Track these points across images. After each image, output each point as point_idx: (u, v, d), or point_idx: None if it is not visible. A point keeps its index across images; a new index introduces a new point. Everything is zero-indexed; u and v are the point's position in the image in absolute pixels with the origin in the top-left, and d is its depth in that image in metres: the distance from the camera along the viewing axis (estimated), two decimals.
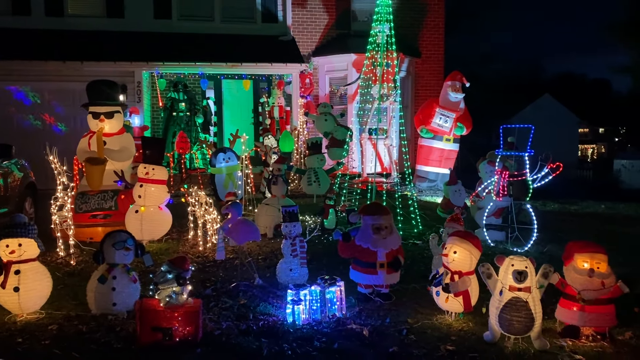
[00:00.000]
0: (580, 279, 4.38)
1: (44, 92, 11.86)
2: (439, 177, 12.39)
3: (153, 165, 6.96)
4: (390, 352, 4.10)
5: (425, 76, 15.20)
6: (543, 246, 7.27)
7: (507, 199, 7.43)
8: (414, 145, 13.58)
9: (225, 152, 9.15)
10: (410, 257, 6.48)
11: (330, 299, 4.85)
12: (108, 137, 7.44)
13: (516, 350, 4.16)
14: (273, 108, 12.57)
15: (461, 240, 4.65)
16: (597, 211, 11.22)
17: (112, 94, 7.67)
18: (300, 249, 5.54)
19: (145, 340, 4.12)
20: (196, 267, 6.09)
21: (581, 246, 4.49)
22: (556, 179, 7.59)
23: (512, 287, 4.14)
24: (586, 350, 4.21)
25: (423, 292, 5.38)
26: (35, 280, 4.70)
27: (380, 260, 5.10)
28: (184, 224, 7.63)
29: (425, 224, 8.34)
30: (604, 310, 4.36)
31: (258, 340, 4.28)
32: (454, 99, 11.93)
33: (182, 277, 4.24)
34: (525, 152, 7.33)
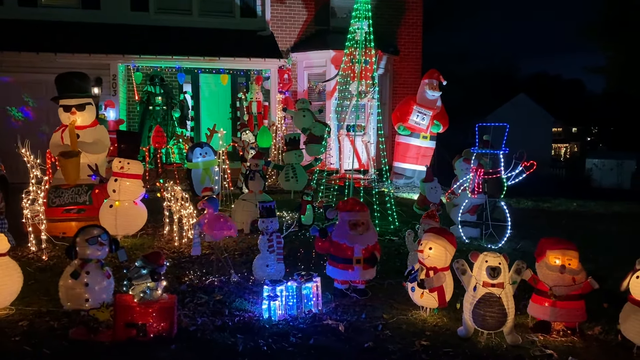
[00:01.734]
0: (552, 275, 4.47)
1: (16, 84, 11.57)
2: (415, 174, 12.49)
3: (128, 160, 6.86)
4: (365, 347, 4.13)
5: (403, 74, 15.30)
6: (516, 243, 7.40)
7: (482, 196, 7.54)
8: (392, 142, 13.67)
9: (202, 147, 9.08)
10: (386, 253, 6.53)
11: (307, 295, 4.85)
12: (81, 129, 7.29)
13: (489, 345, 4.23)
14: (251, 103, 12.50)
15: (436, 237, 4.70)
16: (569, 208, 11.46)
17: (83, 85, 7.50)
18: (277, 244, 5.53)
19: (119, 336, 4.07)
20: (171, 262, 6.04)
21: (553, 243, 4.58)
22: (530, 177, 7.73)
23: (485, 282, 4.20)
24: (557, 345, 4.31)
25: (399, 287, 5.44)
26: (5, 276, 4.59)
27: (357, 256, 5.12)
28: (159, 219, 7.55)
29: (401, 221, 8.41)
30: (574, 306, 4.46)
31: (233, 336, 4.26)
32: (431, 97, 12.05)
33: (157, 273, 4.19)
34: (500, 150, 7.44)
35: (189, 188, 8.84)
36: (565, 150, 48.49)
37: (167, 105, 12.15)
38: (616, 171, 17.16)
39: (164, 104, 12.10)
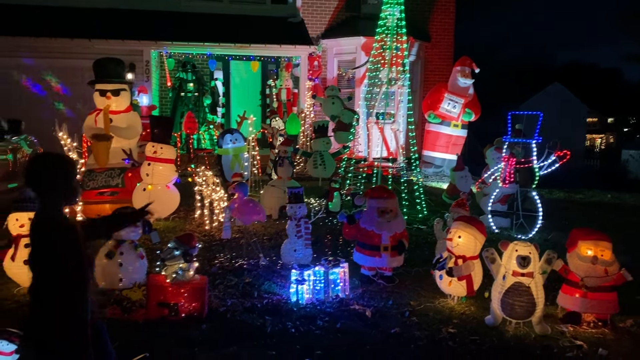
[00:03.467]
0: (584, 266, 4.40)
1: (52, 69, 11.86)
2: (445, 162, 12.36)
3: (161, 144, 6.99)
4: (392, 332, 4.16)
5: (434, 61, 15.08)
6: (547, 233, 7.29)
7: (513, 186, 7.43)
8: (422, 131, 13.54)
9: (233, 133, 9.15)
10: (414, 242, 6.52)
11: (334, 280, 4.90)
12: (114, 114, 7.45)
13: (517, 335, 4.21)
14: (281, 90, 12.53)
15: (466, 225, 4.67)
16: (602, 200, 11.19)
17: (119, 71, 7.66)
18: (305, 230, 5.59)
19: (152, 315, 4.20)
20: (202, 245, 6.16)
21: (586, 233, 4.51)
22: (563, 168, 7.57)
23: (515, 272, 4.17)
24: (587, 336, 4.25)
25: (426, 275, 5.44)
26: None
27: (385, 243, 5.14)
28: (190, 203, 7.69)
29: (430, 209, 8.36)
30: (606, 298, 4.40)
31: (262, 317, 4.35)
32: (463, 85, 11.85)
33: (189, 254, 4.30)
34: (533, 139, 7.31)
35: (220, 173, 8.96)
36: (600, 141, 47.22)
37: (199, 92, 12.28)
38: None
39: (196, 90, 12.24)
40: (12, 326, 3.45)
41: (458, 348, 3.95)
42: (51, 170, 2.57)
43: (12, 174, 7.31)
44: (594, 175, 17.60)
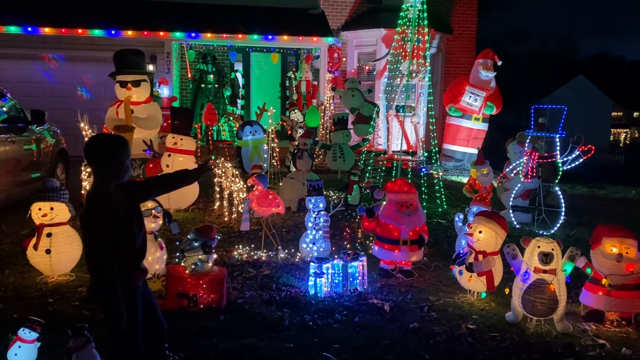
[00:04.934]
0: (608, 264, 4.31)
1: (74, 61, 12.01)
2: (465, 156, 12.23)
3: (181, 136, 7.02)
4: (411, 327, 4.12)
5: (456, 53, 14.90)
6: (570, 230, 7.16)
7: (535, 180, 7.31)
8: (442, 124, 13.40)
9: (252, 125, 9.17)
10: (433, 236, 6.46)
11: (353, 274, 4.88)
12: (135, 105, 7.52)
13: (538, 332, 4.14)
14: (300, 82, 12.51)
15: (487, 220, 4.60)
16: (627, 196, 10.97)
17: (139, 62, 7.71)
18: (324, 223, 5.57)
19: (171, 306, 4.23)
20: (221, 237, 6.18)
21: (610, 230, 4.41)
22: (586, 163, 7.42)
23: (537, 268, 4.10)
24: (610, 335, 4.17)
25: (446, 270, 5.39)
26: (66, 244, 4.84)
27: (404, 237, 5.10)
28: (210, 195, 7.73)
29: (450, 204, 8.28)
30: (630, 296, 4.30)
31: (280, 310, 4.35)
32: (485, 78, 11.68)
33: (208, 246, 4.31)
34: (557, 133, 7.17)
35: (239, 165, 8.99)
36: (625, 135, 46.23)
37: (219, 84, 12.32)
38: None
39: (216, 82, 12.28)
40: (35, 314, 3.51)
41: (477, 344, 3.91)
42: (102, 150, 2.84)
43: (35, 164, 7.42)
44: (618, 170, 17.26)
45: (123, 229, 2.80)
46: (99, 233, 2.70)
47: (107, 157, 2.81)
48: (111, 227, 2.73)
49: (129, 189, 2.95)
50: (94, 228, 2.72)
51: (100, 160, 2.82)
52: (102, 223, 2.71)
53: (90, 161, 2.85)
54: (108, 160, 2.80)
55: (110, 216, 2.75)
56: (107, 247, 2.71)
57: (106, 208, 2.75)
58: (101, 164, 2.81)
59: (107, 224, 2.72)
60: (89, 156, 2.84)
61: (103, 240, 2.70)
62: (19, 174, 6.98)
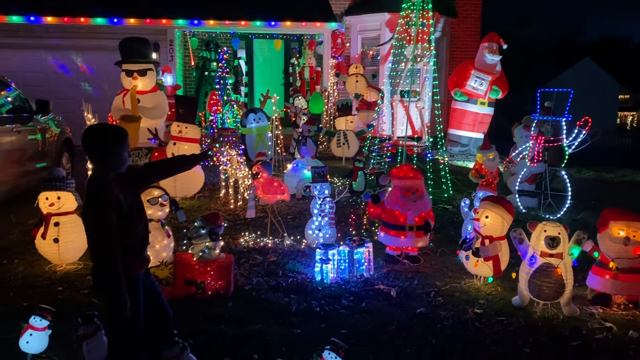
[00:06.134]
0: (615, 247, 4.30)
1: (77, 49, 11.99)
2: (471, 141, 12.17)
3: (186, 124, 7.02)
4: (417, 312, 4.14)
5: (461, 37, 14.75)
6: (576, 214, 7.14)
7: (541, 165, 7.28)
8: (447, 109, 13.32)
9: (256, 112, 9.14)
10: (439, 222, 6.46)
11: (359, 260, 4.89)
12: (141, 94, 7.50)
13: (545, 316, 4.15)
14: (304, 69, 12.44)
15: (493, 205, 4.59)
16: (635, 180, 10.91)
17: (145, 51, 7.68)
18: (329, 209, 5.57)
19: (179, 293, 4.26)
20: (227, 224, 6.21)
21: (617, 214, 4.39)
22: (593, 147, 7.38)
23: (543, 252, 4.10)
24: (617, 318, 4.18)
25: (452, 256, 5.39)
26: (73, 232, 4.87)
27: (410, 223, 5.10)
28: (215, 183, 7.74)
29: (456, 189, 8.26)
30: (638, 279, 4.30)
31: (287, 296, 4.38)
32: (490, 61, 11.56)
33: (215, 233, 4.33)
34: (563, 117, 7.12)
35: (243, 153, 8.98)
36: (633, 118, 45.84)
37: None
38: None
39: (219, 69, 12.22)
40: (45, 303, 3.54)
41: (484, 328, 3.92)
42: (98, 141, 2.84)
43: (41, 154, 7.44)
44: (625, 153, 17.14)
45: (123, 217, 2.79)
46: (99, 222, 2.70)
47: (103, 148, 2.80)
48: (111, 215, 2.73)
49: (129, 177, 2.95)
50: (95, 217, 2.72)
51: (96, 151, 2.81)
52: (102, 212, 2.71)
53: (87, 152, 2.85)
54: (104, 151, 2.80)
55: (109, 205, 2.74)
56: (109, 236, 2.71)
57: (105, 197, 2.75)
58: (98, 154, 2.81)
59: (107, 213, 2.72)
60: (86, 147, 2.83)
61: (104, 229, 2.70)
62: (25, 164, 7.01)
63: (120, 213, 2.77)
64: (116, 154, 2.82)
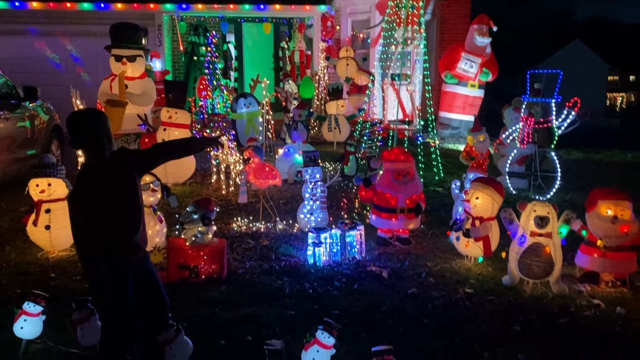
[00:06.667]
0: (603, 226, 4.36)
1: (64, 35, 11.83)
2: (462, 124, 12.18)
3: (176, 109, 6.98)
4: (409, 293, 4.19)
5: (451, 19, 14.69)
6: (566, 194, 7.21)
7: (531, 146, 7.33)
8: (438, 92, 13.32)
9: (246, 97, 9.10)
10: (430, 204, 6.50)
11: (350, 242, 4.94)
12: (130, 80, 7.43)
13: (534, 294, 4.22)
14: (294, 53, 12.36)
15: (484, 186, 4.63)
16: (623, 160, 11.03)
17: (136, 37, 7.59)
18: (321, 193, 5.59)
19: (172, 277, 4.28)
20: (220, 209, 6.21)
21: (605, 193, 4.45)
22: (582, 128, 7.43)
23: (533, 232, 4.15)
24: (605, 295, 4.25)
25: (443, 237, 5.45)
26: (65, 219, 4.76)
27: (401, 205, 5.13)
28: (207, 169, 7.73)
29: (446, 172, 8.31)
30: (625, 257, 4.37)
31: (280, 279, 4.41)
32: (480, 44, 11.54)
33: (207, 218, 4.34)
34: (552, 98, 7.15)
35: (234, 138, 8.96)
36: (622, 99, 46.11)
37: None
38: None
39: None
40: (38, 289, 3.55)
41: (475, 308, 3.98)
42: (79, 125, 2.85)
43: (30, 141, 7.38)
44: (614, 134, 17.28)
45: (110, 200, 2.77)
46: (80, 206, 2.73)
47: (80, 132, 2.82)
48: (96, 198, 2.73)
49: (122, 159, 2.91)
50: (78, 198, 2.75)
51: (75, 135, 2.83)
52: (84, 197, 2.73)
53: (71, 137, 2.86)
54: (81, 134, 2.81)
55: (94, 188, 2.75)
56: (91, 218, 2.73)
57: (90, 180, 2.76)
58: (77, 138, 2.83)
59: (91, 195, 2.73)
60: (70, 132, 2.85)
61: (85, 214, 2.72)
62: (14, 151, 6.95)
63: (107, 196, 2.76)
64: (95, 137, 2.81)
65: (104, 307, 2.88)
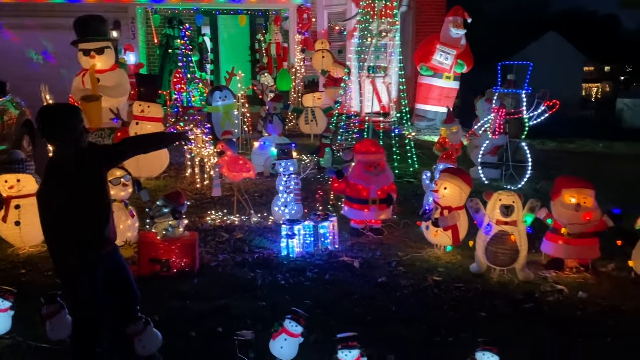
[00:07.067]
0: (567, 213, 4.49)
1: (35, 29, 11.61)
2: (438, 116, 12.29)
3: (148, 103, 6.93)
4: (379, 282, 4.27)
5: (426, 11, 14.73)
6: (536, 183, 7.36)
7: (503, 137, 7.45)
8: (414, 84, 13.40)
9: (222, 90, 9.06)
10: (404, 195, 6.59)
11: (324, 234, 4.99)
12: (101, 73, 7.36)
13: (501, 281, 4.34)
14: (270, 45, 12.32)
15: (451, 177, 4.72)
16: (594, 150, 11.26)
17: (101, 28, 7.50)
18: (295, 185, 5.63)
19: (144, 271, 4.29)
20: (194, 203, 6.21)
21: (569, 181, 4.58)
22: (556, 118, 7.57)
23: (499, 220, 4.25)
24: (569, 281, 4.39)
25: (414, 227, 5.53)
26: (35, 215, 4.73)
27: (373, 196, 5.20)
28: (181, 162, 7.70)
29: (421, 163, 8.39)
30: (588, 243, 4.51)
31: (253, 271, 4.46)
32: (455, 35, 11.64)
33: (178, 211, 4.35)
34: (523, 89, 7.28)
35: (210, 132, 8.92)
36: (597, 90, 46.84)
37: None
38: None
39: None
40: (8, 285, 3.54)
41: (442, 295, 4.08)
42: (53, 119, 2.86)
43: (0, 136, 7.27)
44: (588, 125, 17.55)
45: (80, 195, 2.79)
46: (52, 199, 2.75)
47: (56, 126, 2.82)
48: (67, 193, 2.74)
49: (93, 153, 2.93)
50: (48, 194, 2.78)
51: (50, 129, 2.83)
52: (56, 189, 2.74)
53: (42, 131, 2.86)
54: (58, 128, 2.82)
55: (64, 182, 2.76)
56: (61, 213, 2.75)
57: (60, 174, 2.78)
58: (52, 132, 2.83)
59: (61, 190, 2.74)
60: (40, 126, 2.85)
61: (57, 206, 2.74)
62: None
63: (78, 190, 2.78)
64: (72, 130, 2.83)
65: (76, 302, 2.89)
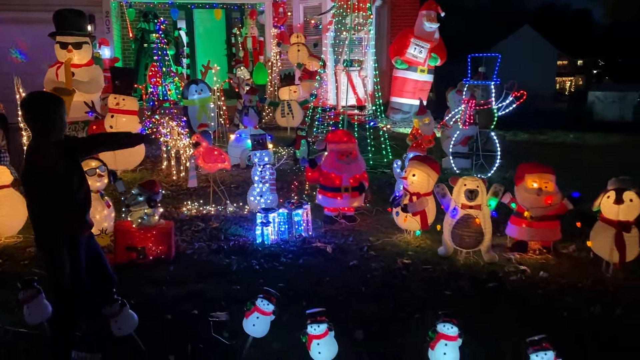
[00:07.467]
0: (530, 198, 4.69)
1: (9, 23, 11.46)
2: (412, 108, 12.47)
3: (123, 96, 6.96)
4: (350, 265, 4.42)
5: (401, 5, 14.89)
6: (505, 172, 7.59)
7: (473, 127, 7.66)
8: (390, 77, 13.57)
9: (198, 83, 9.10)
10: (377, 184, 6.77)
11: (297, 221, 5.13)
12: (76, 68, 7.36)
13: (467, 263, 4.52)
14: (246, 39, 12.35)
15: (419, 164, 4.89)
16: (565, 140, 11.58)
17: (81, 23, 7.49)
18: (270, 176, 5.74)
19: (121, 259, 4.37)
20: (170, 194, 6.29)
21: (531, 167, 4.78)
22: (530, 110, 7.80)
23: (464, 205, 4.43)
24: (532, 262, 4.59)
25: (386, 215, 5.70)
26: (10, 206, 4.86)
27: (345, 185, 5.35)
28: (157, 155, 7.74)
29: (395, 154, 8.56)
30: (550, 226, 4.72)
31: (228, 257, 4.57)
32: (429, 29, 11.84)
33: (153, 200, 4.44)
34: (492, 81, 7.49)
35: (186, 125, 8.96)
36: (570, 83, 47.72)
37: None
38: (618, 104, 16.97)
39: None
40: None
41: (411, 276, 4.25)
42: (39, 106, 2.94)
43: None
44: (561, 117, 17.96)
45: (63, 183, 2.88)
46: (37, 188, 2.81)
47: (44, 114, 2.89)
48: (51, 181, 2.83)
49: (70, 145, 3.02)
50: (33, 183, 2.83)
51: (37, 117, 2.89)
52: (40, 178, 2.81)
53: (27, 117, 2.91)
54: (45, 116, 2.89)
55: (48, 171, 2.84)
56: (47, 202, 2.82)
57: (43, 164, 2.84)
58: (39, 120, 2.89)
59: (45, 179, 2.82)
60: (27, 113, 2.91)
61: (42, 195, 2.82)
62: None
63: (59, 179, 2.86)
64: (57, 119, 2.93)
65: (60, 287, 2.96)
